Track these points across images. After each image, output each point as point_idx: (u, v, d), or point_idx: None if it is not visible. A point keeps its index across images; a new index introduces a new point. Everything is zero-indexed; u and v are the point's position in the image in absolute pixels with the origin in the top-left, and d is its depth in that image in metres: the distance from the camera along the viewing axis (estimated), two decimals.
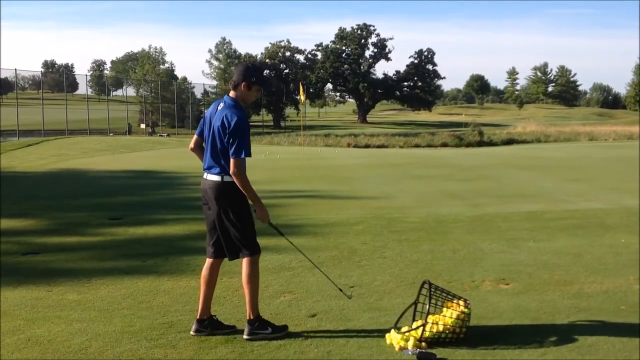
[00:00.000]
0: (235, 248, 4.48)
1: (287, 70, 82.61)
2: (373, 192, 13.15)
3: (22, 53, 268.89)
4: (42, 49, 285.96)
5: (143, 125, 56.74)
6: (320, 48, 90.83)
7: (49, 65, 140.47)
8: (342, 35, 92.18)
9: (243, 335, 4.43)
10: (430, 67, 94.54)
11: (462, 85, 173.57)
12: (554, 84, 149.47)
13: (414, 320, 4.50)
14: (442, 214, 9.90)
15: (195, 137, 4.72)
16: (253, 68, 4.60)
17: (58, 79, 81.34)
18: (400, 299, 5.27)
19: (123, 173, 18.11)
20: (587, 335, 4.40)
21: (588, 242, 7.65)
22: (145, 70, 75.62)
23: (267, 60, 78.33)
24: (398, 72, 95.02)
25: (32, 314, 5.07)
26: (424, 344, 4.23)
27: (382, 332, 4.48)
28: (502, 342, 4.30)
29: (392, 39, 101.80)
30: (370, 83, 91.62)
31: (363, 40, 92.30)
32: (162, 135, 47.93)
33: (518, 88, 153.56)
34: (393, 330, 4.38)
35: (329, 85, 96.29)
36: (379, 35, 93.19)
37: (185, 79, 75.11)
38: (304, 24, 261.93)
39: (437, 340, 4.28)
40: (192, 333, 4.54)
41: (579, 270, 6.24)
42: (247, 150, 4.33)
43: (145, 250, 7.48)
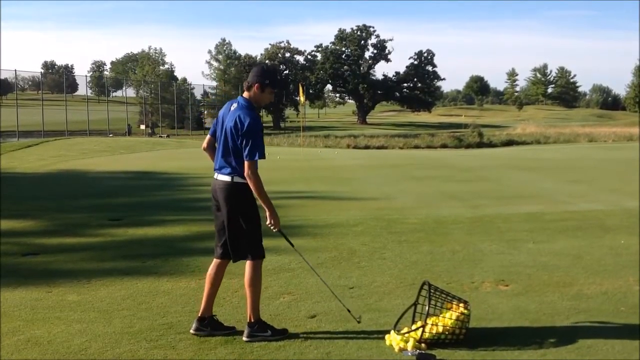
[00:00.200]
0: (240, 250, 4.47)
1: (286, 72, 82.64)
2: (373, 193, 13.16)
3: (22, 54, 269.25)
4: (41, 50, 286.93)
5: (143, 126, 56.73)
6: (320, 49, 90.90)
7: (49, 66, 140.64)
8: (341, 37, 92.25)
9: (242, 337, 4.43)
10: (430, 68, 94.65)
11: (461, 87, 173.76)
12: (554, 86, 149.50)
13: (414, 322, 4.50)
14: (441, 215, 9.90)
15: (208, 136, 4.70)
16: (268, 70, 4.57)
17: (58, 80, 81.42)
18: (400, 300, 5.27)
19: (123, 174, 18.11)
20: (586, 337, 4.41)
21: (588, 243, 7.65)
22: (145, 71, 75.66)
23: (267, 61, 78.33)
24: (398, 73, 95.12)
25: (31, 315, 5.07)
26: (424, 345, 4.23)
27: (381, 333, 4.48)
28: (501, 343, 4.31)
29: (391, 40, 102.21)
30: (370, 84, 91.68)
31: (363, 42, 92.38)
32: (161, 136, 47.91)
33: (518, 89, 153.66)
34: (393, 332, 4.39)
35: (329, 86, 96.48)
36: (379, 37, 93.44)
37: (185, 80, 75.20)
38: (304, 25, 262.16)
39: (436, 342, 4.28)
40: (191, 331, 4.54)
41: (579, 272, 6.24)
42: (261, 152, 4.32)
43: (145, 251, 7.48)
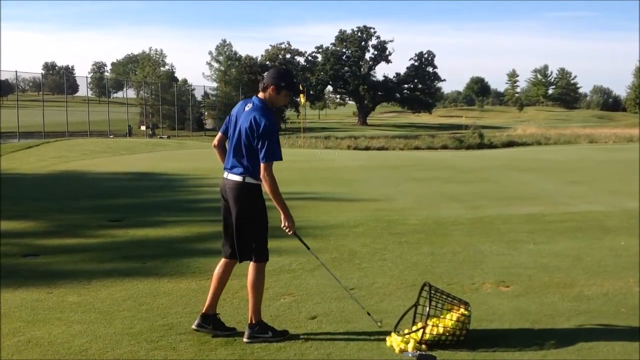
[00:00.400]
0: (247, 250, 4.46)
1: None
2: (373, 194, 13.15)
3: (22, 55, 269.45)
4: (42, 51, 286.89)
5: (143, 127, 56.71)
6: (321, 50, 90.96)
7: (50, 67, 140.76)
8: (342, 38, 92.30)
9: (243, 339, 4.43)
10: (431, 69, 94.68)
11: (462, 88, 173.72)
12: (554, 87, 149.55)
13: (414, 323, 4.50)
14: (442, 216, 9.89)
15: (220, 134, 4.68)
16: (284, 73, 4.56)
17: (58, 81, 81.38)
18: (401, 301, 5.27)
19: (123, 175, 18.10)
20: (587, 338, 4.41)
21: (588, 244, 7.65)
22: (146, 72, 75.63)
23: (267, 62, 78.36)
24: (398, 74, 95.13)
25: (32, 316, 5.07)
26: (424, 347, 4.23)
27: (382, 334, 4.48)
28: (502, 344, 4.31)
29: (392, 42, 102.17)
30: (371, 85, 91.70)
31: (363, 43, 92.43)
32: (162, 137, 47.90)
33: (518, 90, 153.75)
34: (393, 333, 4.39)
35: (329, 88, 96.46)
36: (379, 38, 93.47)
37: (186, 81, 75.20)
38: (304, 26, 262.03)
39: (437, 343, 4.28)
40: (193, 327, 4.54)
41: (579, 273, 6.24)
42: (277, 154, 4.31)
43: (146, 252, 7.48)
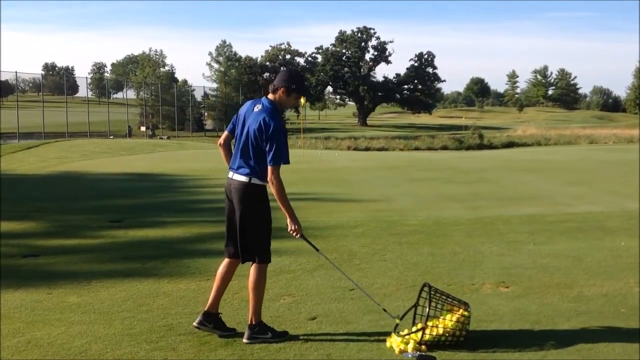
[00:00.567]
0: (250, 251, 4.45)
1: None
2: (373, 194, 13.15)
3: (22, 55, 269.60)
4: (42, 52, 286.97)
5: (143, 128, 56.77)
6: (321, 51, 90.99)
7: (50, 68, 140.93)
8: (342, 38, 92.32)
9: (243, 339, 4.43)
10: (431, 70, 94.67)
11: (462, 88, 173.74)
12: (554, 87, 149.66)
13: (414, 323, 4.49)
14: (442, 217, 9.89)
15: (226, 133, 4.67)
16: (295, 75, 4.55)
17: (58, 82, 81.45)
18: (400, 302, 5.27)
19: (123, 176, 18.11)
20: (587, 339, 4.40)
21: (588, 245, 7.65)
22: (146, 73, 75.67)
23: (267, 63, 78.43)
24: (398, 75, 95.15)
25: (32, 317, 5.07)
26: (424, 347, 4.23)
27: (382, 334, 4.48)
28: (502, 345, 4.31)
29: (392, 42, 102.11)
30: (371, 86, 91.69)
31: (363, 43, 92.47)
32: (162, 138, 47.91)
33: (518, 91, 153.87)
34: (393, 333, 4.38)
35: (329, 88, 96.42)
36: (379, 38, 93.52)
37: (186, 82, 75.24)
38: (304, 27, 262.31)
39: (437, 344, 4.28)
40: (194, 324, 4.54)
41: (579, 274, 6.24)
42: (285, 158, 4.31)
43: (146, 253, 7.48)
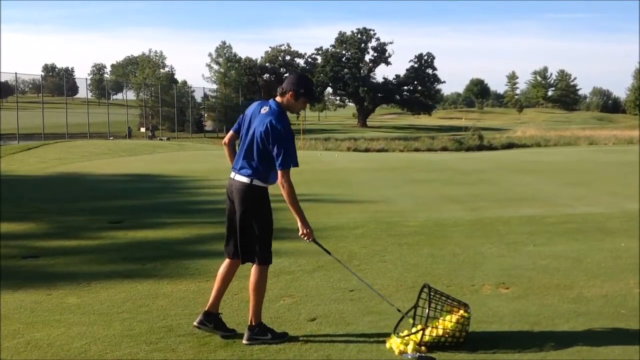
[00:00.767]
0: (250, 252, 4.44)
1: (287, 75, 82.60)
2: (373, 196, 13.15)
3: (22, 57, 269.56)
4: (42, 53, 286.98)
5: (143, 129, 56.71)
6: (320, 52, 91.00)
7: (49, 69, 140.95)
8: (342, 40, 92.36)
9: (242, 340, 4.42)
10: (430, 71, 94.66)
11: (462, 89, 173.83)
12: (554, 88, 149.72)
13: (414, 324, 4.49)
14: (441, 218, 9.89)
15: (231, 132, 4.67)
16: (304, 79, 4.55)
17: (58, 83, 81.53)
18: (400, 303, 5.25)
19: (123, 177, 18.10)
20: (586, 340, 4.40)
21: (588, 246, 7.65)
22: (146, 74, 75.62)
23: (267, 64, 78.43)
24: (398, 76, 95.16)
25: (31, 318, 5.07)
26: (424, 348, 4.23)
27: (381, 336, 4.48)
28: (501, 346, 4.31)
29: (392, 43, 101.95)
30: (370, 87, 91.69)
31: (363, 45, 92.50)
32: (162, 139, 47.89)
33: (518, 92, 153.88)
34: (393, 334, 4.38)
35: (329, 89, 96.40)
36: (379, 40, 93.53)
37: (186, 83, 75.16)
38: (304, 28, 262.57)
39: (436, 344, 4.27)
40: (195, 324, 4.53)
41: (579, 275, 6.24)
42: (294, 161, 4.30)
43: (145, 254, 7.48)
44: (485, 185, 14.81)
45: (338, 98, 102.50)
